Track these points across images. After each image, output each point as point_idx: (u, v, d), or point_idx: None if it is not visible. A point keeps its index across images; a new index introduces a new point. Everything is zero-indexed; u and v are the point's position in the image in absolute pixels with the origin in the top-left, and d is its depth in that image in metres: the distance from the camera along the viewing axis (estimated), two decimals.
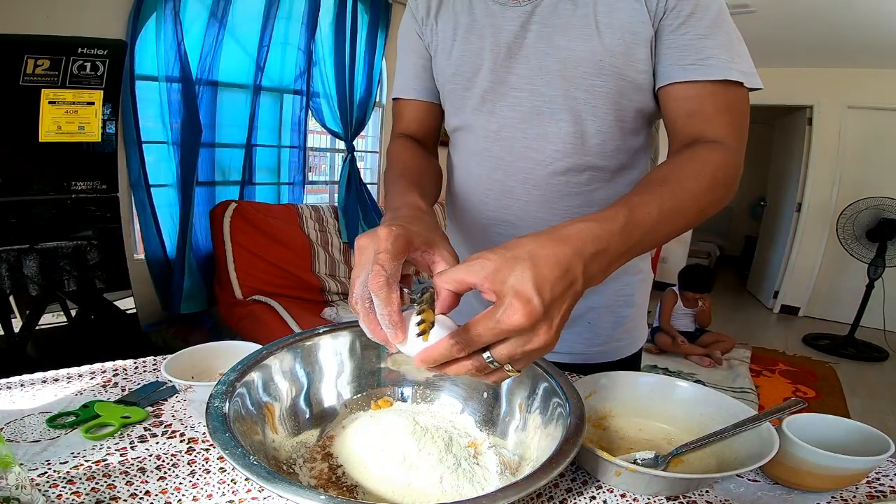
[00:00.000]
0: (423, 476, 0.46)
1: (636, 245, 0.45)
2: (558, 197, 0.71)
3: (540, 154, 0.69)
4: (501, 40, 0.68)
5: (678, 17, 0.60)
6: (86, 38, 1.58)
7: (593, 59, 0.63)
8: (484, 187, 0.74)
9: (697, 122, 0.60)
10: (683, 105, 0.61)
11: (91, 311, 1.81)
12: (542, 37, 0.66)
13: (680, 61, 0.60)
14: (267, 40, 2.37)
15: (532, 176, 0.71)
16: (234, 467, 0.36)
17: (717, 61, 0.58)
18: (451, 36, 0.72)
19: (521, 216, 0.73)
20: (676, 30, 0.60)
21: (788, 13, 2.89)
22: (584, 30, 0.63)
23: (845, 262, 3.87)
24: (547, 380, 0.52)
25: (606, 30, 0.62)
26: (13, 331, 1.60)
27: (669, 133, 0.64)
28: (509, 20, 0.67)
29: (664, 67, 0.62)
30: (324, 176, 3.16)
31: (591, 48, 0.63)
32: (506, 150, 0.71)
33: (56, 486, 0.43)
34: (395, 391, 0.61)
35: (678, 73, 0.60)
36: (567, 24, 0.64)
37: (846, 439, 0.51)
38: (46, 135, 1.53)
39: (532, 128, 0.69)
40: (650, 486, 0.47)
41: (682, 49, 0.60)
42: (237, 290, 2.26)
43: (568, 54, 0.64)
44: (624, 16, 0.61)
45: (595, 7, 0.62)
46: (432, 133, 0.81)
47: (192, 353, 0.61)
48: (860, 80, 3.86)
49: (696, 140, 0.59)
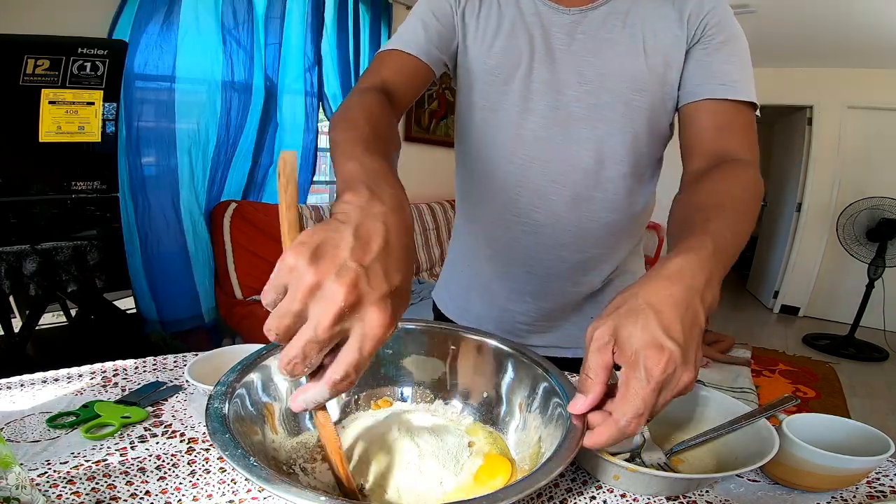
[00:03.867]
0: (423, 476, 0.46)
1: (725, 268, 0.46)
2: (586, 200, 0.73)
3: (575, 157, 0.72)
4: (547, 42, 0.70)
5: (711, 43, 0.67)
6: (86, 38, 1.57)
7: (636, 76, 0.68)
8: (515, 185, 0.74)
9: (726, 136, 0.65)
10: (714, 118, 0.66)
11: (91, 311, 1.81)
12: (588, 47, 0.69)
13: (711, 81, 0.66)
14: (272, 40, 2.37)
15: (565, 177, 0.73)
16: (234, 468, 0.36)
17: (741, 85, 0.65)
18: (494, 27, 0.72)
19: (548, 215, 0.74)
20: (709, 54, 0.67)
21: (788, 13, 2.89)
22: (630, 47, 0.68)
23: (845, 262, 3.87)
24: (547, 380, 0.52)
25: (651, 51, 0.68)
26: (13, 331, 1.60)
27: (693, 147, 0.68)
28: (557, 24, 0.70)
29: (694, 86, 0.68)
30: (324, 176, 3.16)
31: (636, 65, 0.68)
32: (541, 150, 0.72)
33: (56, 486, 0.43)
34: (395, 391, 0.61)
35: (711, 91, 0.66)
36: (615, 39, 0.69)
37: (846, 439, 0.51)
38: (46, 135, 1.52)
39: (570, 131, 0.71)
40: (650, 486, 0.47)
41: (712, 71, 0.66)
42: (237, 290, 2.26)
43: (613, 67, 0.69)
44: (667, 41, 0.68)
45: (643, 28, 0.68)
46: (410, 94, 0.72)
47: (212, 357, 0.60)
48: (860, 80, 3.86)
49: (721, 155, 0.63)
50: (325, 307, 0.31)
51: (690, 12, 0.67)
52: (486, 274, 0.84)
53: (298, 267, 0.32)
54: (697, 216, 0.52)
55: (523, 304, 0.82)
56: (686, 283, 0.41)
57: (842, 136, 4.05)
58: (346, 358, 0.33)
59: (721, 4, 0.68)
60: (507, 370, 0.58)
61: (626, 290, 0.42)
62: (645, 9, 0.69)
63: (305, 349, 0.32)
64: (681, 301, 0.39)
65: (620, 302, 0.41)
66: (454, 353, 0.61)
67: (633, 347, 0.38)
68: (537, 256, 0.77)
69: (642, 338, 0.38)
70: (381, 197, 0.37)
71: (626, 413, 0.37)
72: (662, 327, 0.38)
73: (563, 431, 0.44)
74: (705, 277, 0.42)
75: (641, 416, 0.37)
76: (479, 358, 0.60)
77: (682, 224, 0.54)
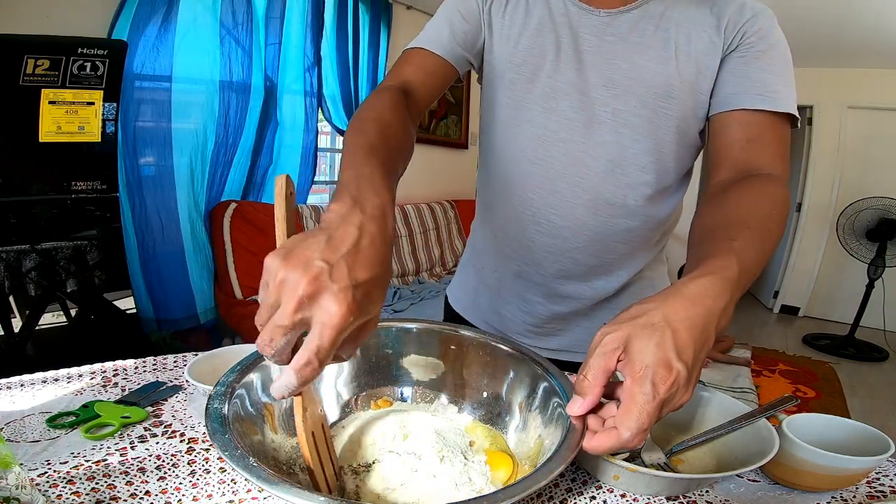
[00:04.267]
0: (422, 476, 0.46)
1: (744, 290, 0.46)
2: (605, 205, 0.72)
3: (596, 161, 0.70)
4: (575, 43, 0.69)
5: (750, 51, 0.64)
6: (86, 38, 1.57)
7: (667, 83, 0.66)
8: (533, 184, 0.73)
9: (756, 149, 0.62)
10: (745, 130, 0.64)
11: (91, 311, 1.81)
12: (618, 50, 0.67)
13: (748, 90, 0.63)
14: (271, 40, 2.37)
15: (584, 181, 0.71)
16: (234, 468, 0.36)
17: (780, 96, 0.62)
18: (521, 24, 0.71)
19: (565, 217, 0.73)
20: (747, 63, 0.64)
21: (789, 13, 2.89)
22: (662, 52, 0.66)
23: (845, 262, 3.87)
24: (547, 380, 0.52)
25: (683, 57, 0.65)
26: (13, 331, 1.60)
27: (720, 158, 0.65)
28: (586, 26, 0.69)
29: (727, 95, 0.65)
30: (324, 176, 3.16)
31: (667, 72, 0.66)
32: (562, 151, 0.71)
33: (56, 486, 0.43)
34: (395, 391, 0.61)
35: (745, 101, 0.63)
36: (646, 43, 0.66)
37: (846, 439, 0.51)
38: (46, 135, 1.52)
39: (592, 135, 0.70)
40: (650, 486, 0.47)
41: (750, 80, 0.63)
42: (237, 290, 2.25)
43: (643, 73, 0.66)
44: (701, 46, 0.65)
45: (676, 33, 0.66)
46: (432, 94, 0.73)
47: (212, 357, 0.60)
48: (860, 80, 3.86)
49: (749, 168, 0.62)
50: (288, 296, 0.35)
51: (729, 19, 0.65)
52: (499, 274, 0.83)
53: (272, 266, 0.36)
54: (721, 232, 0.51)
55: (535, 306, 0.81)
56: (707, 307, 0.41)
57: (842, 136, 4.05)
58: (308, 345, 0.35)
59: (764, 13, 0.65)
60: (507, 370, 0.58)
61: (644, 301, 0.42)
62: (680, 13, 0.66)
63: (272, 333, 0.35)
64: (699, 325, 0.40)
65: (637, 312, 0.41)
66: (454, 353, 0.61)
67: (644, 362, 0.38)
68: (552, 258, 0.76)
69: (655, 354, 0.38)
70: (362, 206, 0.40)
71: (631, 428, 0.38)
72: (676, 348, 0.38)
73: (563, 431, 0.44)
74: (725, 302, 0.42)
75: (644, 432, 0.38)
76: (479, 358, 0.60)
77: (705, 238, 0.52)
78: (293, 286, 0.34)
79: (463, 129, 3.80)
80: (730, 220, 0.53)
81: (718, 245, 0.48)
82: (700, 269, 0.44)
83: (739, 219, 0.52)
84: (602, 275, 0.78)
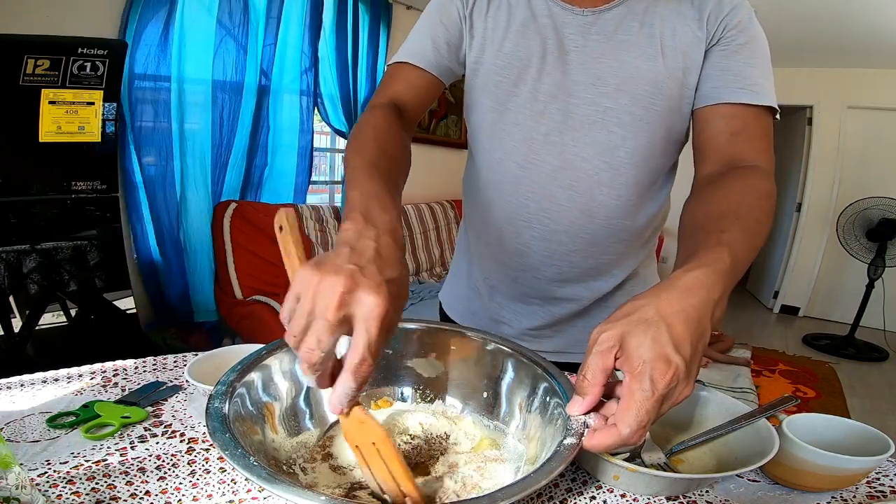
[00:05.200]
0: (422, 476, 0.46)
1: (736, 282, 0.46)
2: (599, 206, 0.71)
3: (588, 164, 0.70)
4: (560, 43, 0.68)
5: (731, 44, 0.65)
6: (86, 38, 1.57)
7: (655, 79, 0.66)
8: (525, 189, 0.73)
9: (741, 142, 0.63)
10: (730, 123, 0.64)
11: (91, 311, 1.81)
12: (604, 48, 0.67)
13: (730, 84, 0.64)
14: (269, 40, 2.37)
15: (578, 184, 0.71)
16: (234, 468, 0.36)
17: (761, 89, 0.63)
18: (503, 27, 0.71)
19: (559, 220, 0.72)
20: (728, 56, 0.65)
21: (789, 13, 2.89)
22: (648, 49, 0.66)
23: (845, 262, 3.87)
24: (547, 380, 0.52)
25: (670, 52, 0.66)
26: (13, 331, 1.60)
27: (705, 152, 0.66)
28: (570, 25, 0.68)
29: (710, 89, 0.66)
30: (324, 176, 3.16)
31: (655, 68, 0.66)
32: (553, 155, 0.70)
33: (56, 486, 0.43)
34: (395, 391, 0.61)
35: (727, 95, 0.64)
36: (632, 40, 0.67)
37: (846, 439, 0.51)
38: (46, 135, 1.53)
39: (583, 136, 0.69)
40: (650, 486, 0.47)
41: (731, 73, 0.64)
42: (237, 290, 2.25)
43: (631, 70, 0.66)
44: (686, 39, 0.66)
45: (661, 28, 0.66)
46: (422, 108, 0.75)
47: (212, 357, 0.60)
48: (860, 80, 3.86)
49: (734, 161, 0.62)
50: (329, 295, 0.36)
51: (710, 12, 0.65)
52: (492, 280, 0.83)
53: (306, 275, 0.38)
54: (711, 225, 0.51)
55: (532, 310, 0.81)
56: (701, 299, 0.41)
57: (842, 136, 4.05)
58: (356, 344, 0.37)
59: (742, 6, 0.65)
60: (507, 370, 0.58)
61: (638, 297, 0.42)
62: (664, 8, 0.66)
63: (319, 334, 0.36)
64: (693, 317, 0.40)
65: (631, 309, 0.41)
66: (454, 353, 0.61)
67: (642, 358, 0.38)
68: (548, 263, 0.75)
69: (652, 349, 0.38)
70: (374, 222, 0.44)
71: (631, 424, 0.38)
72: (673, 341, 0.38)
73: (563, 431, 0.44)
74: (719, 293, 0.42)
75: (644, 428, 0.38)
76: (480, 358, 0.60)
77: (695, 231, 0.53)
78: (332, 286, 0.36)
79: (463, 130, 3.80)
80: (719, 212, 0.53)
81: (709, 237, 0.48)
82: (692, 262, 0.44)
83: (728, 211, 0.53)
84: (599, 276, 0.78)
